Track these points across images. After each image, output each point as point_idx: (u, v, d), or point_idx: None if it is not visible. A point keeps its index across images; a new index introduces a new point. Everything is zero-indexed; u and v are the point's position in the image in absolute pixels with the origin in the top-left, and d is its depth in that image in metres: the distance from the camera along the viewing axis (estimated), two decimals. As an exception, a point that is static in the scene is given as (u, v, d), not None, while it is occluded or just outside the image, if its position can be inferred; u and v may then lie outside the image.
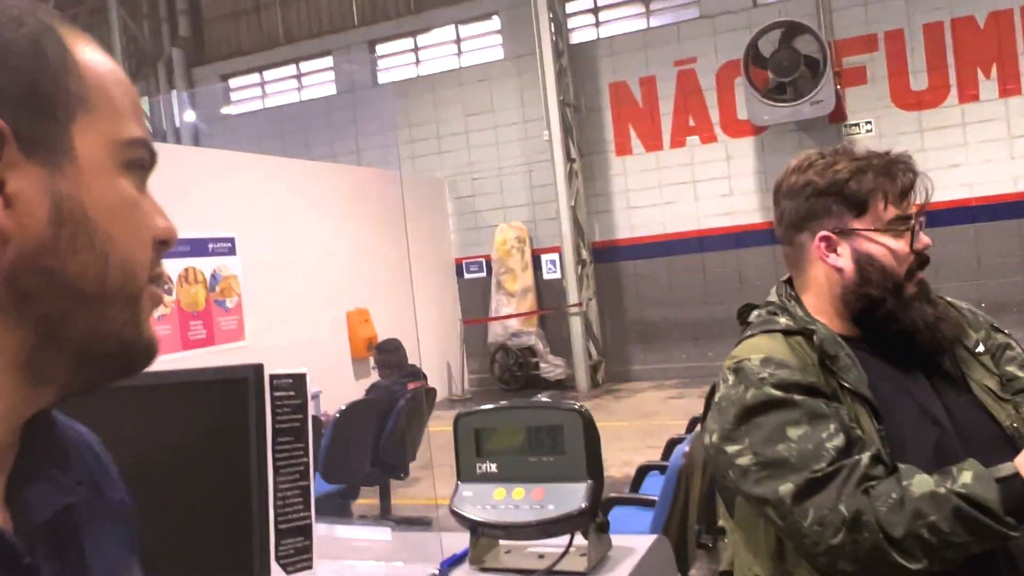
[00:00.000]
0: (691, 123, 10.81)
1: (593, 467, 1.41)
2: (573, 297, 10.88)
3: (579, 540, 1.44)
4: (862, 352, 1.47)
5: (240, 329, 8.12)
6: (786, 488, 1.31)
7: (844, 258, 1.48)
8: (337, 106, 12.59)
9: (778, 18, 9.77)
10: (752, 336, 1.52)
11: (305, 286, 8.62)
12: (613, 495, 4.02)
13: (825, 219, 1.48)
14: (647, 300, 11.09)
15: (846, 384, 1.41)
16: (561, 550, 1.42)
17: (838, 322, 1.51)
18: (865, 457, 1.30)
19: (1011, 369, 1.51)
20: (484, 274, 11.81)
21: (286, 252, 8.49)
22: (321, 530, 1.28)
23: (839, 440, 1.32)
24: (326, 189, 9.57)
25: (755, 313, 1.60)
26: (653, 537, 1.54)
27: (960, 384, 1.47)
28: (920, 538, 1.24)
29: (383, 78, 12.63)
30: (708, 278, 10.54)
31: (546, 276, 11.44)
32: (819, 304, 1.53)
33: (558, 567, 1.41)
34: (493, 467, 1.46)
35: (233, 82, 13.60)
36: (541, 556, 1.47)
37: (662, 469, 3.84)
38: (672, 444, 4.18)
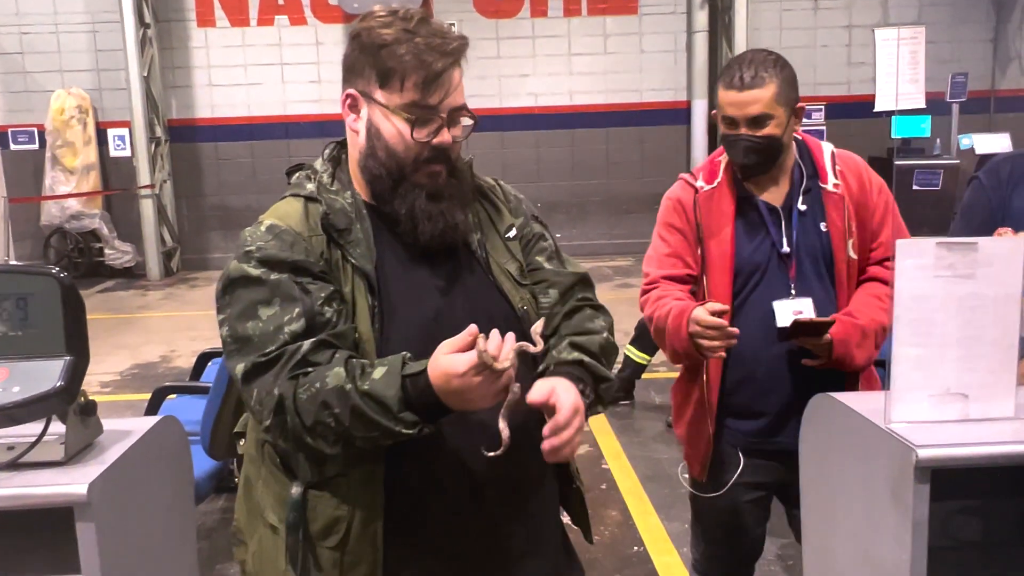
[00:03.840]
0: (280, 1, 10.29)
1: (74, 341, 1.23)
2: (145, 178, 9.96)
3: (61, 427, 1.26)
4: (390, 222, 1.44)
5: None
6: (240, 367, 1.33)
7: (361, 123, 1.43)
8: None
9: (373, -96, 9.57)
10: (283, 199, 1.48)
11: None
12: (167, 384, 3.81)
13: (357, 78, 1.42)
14: (228, 185, 10.55)
15: (351, 259, 1.40)
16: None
17: (369, 188, 1.47)
18: (307, 344, 1.32)
19: (539, 259, 1.58)
20: (36, 146, 10.27)
21: None
22: None
23: (298, 325, 1.33)
24: None
25: (297, 174, 1.52)
26: (156, 419, 1.41)
27: (484, 265, 1.51)
28: (328, 426, 1.30)
29: None
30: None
31: (113, 153, 10.27)
32: (355, 166, 1.48)
33: (29, 458, 1.22)
34: (-61, 346, 1.20)
35: None
36: (11, 448, 1.26)
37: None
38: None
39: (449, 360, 1.25)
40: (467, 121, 1.45)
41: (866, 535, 1.39)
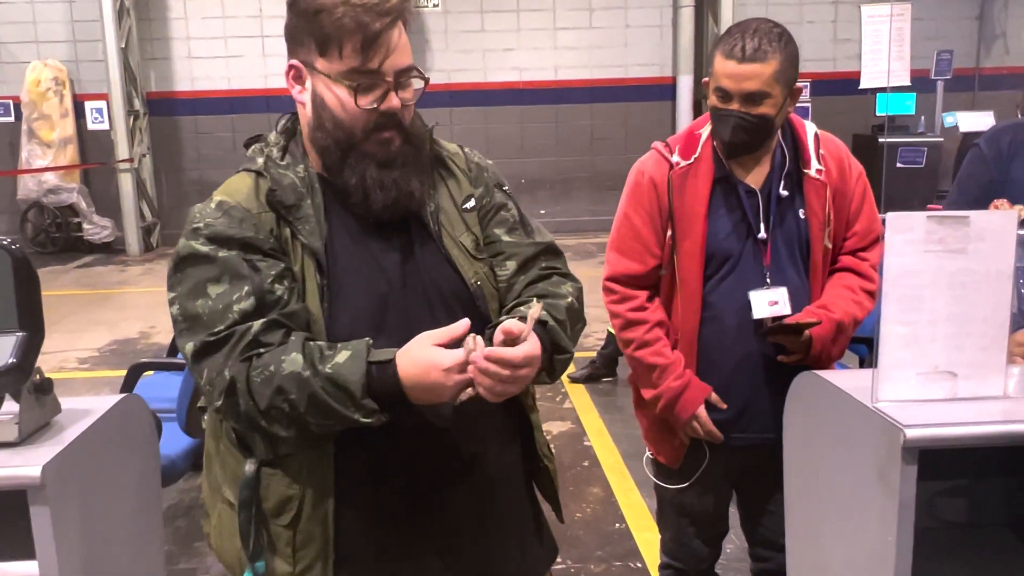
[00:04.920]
0: (260, -28, 10.12)
1: (27, 316, 1.17)
2: (123, 152, 9.80)
3: (14, 406, 1.20)
4: (343, 195, 1.40)
5: None
6: (190, 347, 1.30)
7: (307, 95, 1.37)
8: None
9: None
10: (236, 173, 1.43)
11: None
12: (144, 360, 3.75)
13: (299, 48, 1.36)
14: (209, 160, 10.39)
15: (299, 236, 1.36)
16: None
17: (320, 160, 1.42)
18: (257, 324, 1.29)
19: (497, 231, 1.51)
20: (12, 119, 10.10)
21: None
22: None
23: (247, 304, 1.30)
24: None
25: (252, 147, 1.47)
26: (118, 397, 1.36)
27: (436, 239, 1.45)
28: (282, 411, 1.27)
29: None
30: (275, 140, 10.13)
31: (91, 126, 10.10)
32: (308, 138, 1.42)
33: (-20, 438, 1.16)
34: None
35: None
36: (-38, 427, 1.20)
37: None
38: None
39: (435, 352, 1.23)
40: (417, 83, 1.40)
41: (851, 516, 1.36)
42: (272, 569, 1.39)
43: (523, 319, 1.28)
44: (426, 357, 1.23)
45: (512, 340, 1.24)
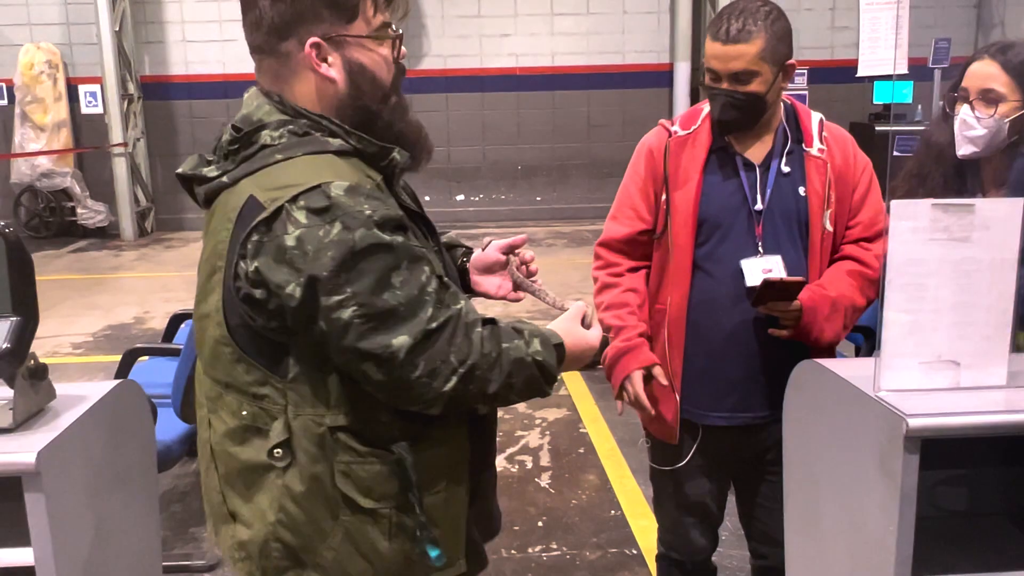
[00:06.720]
0: (256, -45, 10.02)
1: (21, 300, 1.15)
2: (117, 136, 9.74)
3: (9, 392, 1.19)
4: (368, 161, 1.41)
5: None
6: (401, 341, 1.21)
7: (336, 68, 1.34)
8: None
9: None
10: (291, 159, 1.28)
11: None
12: (139, 345, 3.74)
13: (311, 26, 1.32)
14: (204, 144, 10.07)
15: (405, 205, 1.35)
16: (-17, 403, 1.16)
17: (365, 130, 1.40)
18: (465, 304, 1.30)
19: None
20: (5, 102, 10.03)
21: None
22: None
23: (435, 284, 1.26)
24: None
25: (267, 133, 1.33)
26: (113, 383, 1.34)
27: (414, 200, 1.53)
28: (498, 394, 1.30)
29: None
30: (270, 125, 10.07)
31: (85, 110, 10.03)
32: (332, 113, 1.37)
33: (-27, 423, 1.15)
34: None
35: None
36: (-44, 412, 1.19)
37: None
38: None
39: (582, 328, 1.40)
40: None
41: (852, 505, 1.35)
42: (441, 545, 1.36)
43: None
44: (579, 331, 1.39)
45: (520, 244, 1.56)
